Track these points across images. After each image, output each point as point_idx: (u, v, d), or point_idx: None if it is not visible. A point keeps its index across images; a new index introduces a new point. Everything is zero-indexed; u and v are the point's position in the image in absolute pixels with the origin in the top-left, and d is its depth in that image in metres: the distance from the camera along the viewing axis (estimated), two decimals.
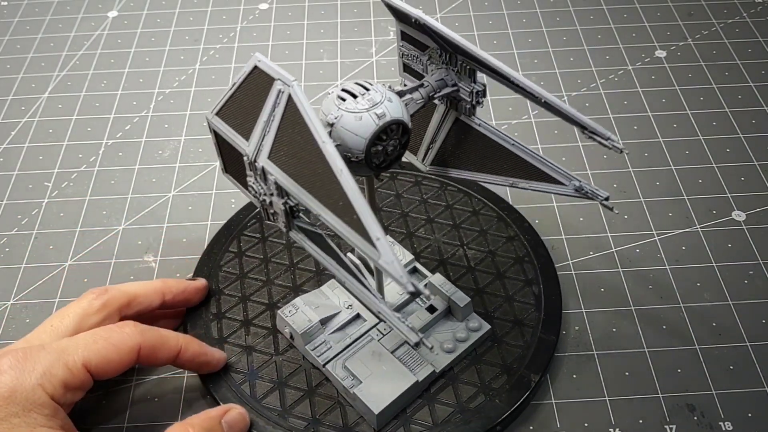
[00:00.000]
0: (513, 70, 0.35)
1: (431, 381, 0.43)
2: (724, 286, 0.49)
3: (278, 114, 0.33)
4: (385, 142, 0.34)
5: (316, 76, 0.65)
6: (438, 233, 0.51)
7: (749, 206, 0.54)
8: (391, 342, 0.44)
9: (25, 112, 0.63)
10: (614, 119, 0.61)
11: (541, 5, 0.72)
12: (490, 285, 0.48)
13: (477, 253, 0.49)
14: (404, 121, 0.34)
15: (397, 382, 0.42)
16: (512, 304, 0.47)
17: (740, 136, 0.59)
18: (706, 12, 0.71)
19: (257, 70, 0.34)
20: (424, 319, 0.45)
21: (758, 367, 0.45)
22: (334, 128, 0.34)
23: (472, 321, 0.45)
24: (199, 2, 0.74)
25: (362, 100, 0.34)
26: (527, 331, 0.45)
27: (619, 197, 0.55)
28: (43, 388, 0.37)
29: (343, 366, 0.43)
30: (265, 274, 0.49)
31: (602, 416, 0.43)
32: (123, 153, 0.59)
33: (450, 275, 0.48)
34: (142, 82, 0.66)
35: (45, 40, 0.70)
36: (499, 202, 0.52)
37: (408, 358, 0.43)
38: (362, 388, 0.41)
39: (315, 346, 0.44)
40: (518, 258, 0.49)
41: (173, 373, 0.45)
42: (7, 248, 0.53)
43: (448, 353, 0.44)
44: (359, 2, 0.73)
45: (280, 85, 0.33)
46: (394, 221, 0.52)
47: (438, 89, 0.38)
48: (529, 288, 0.47)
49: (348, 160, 0.34)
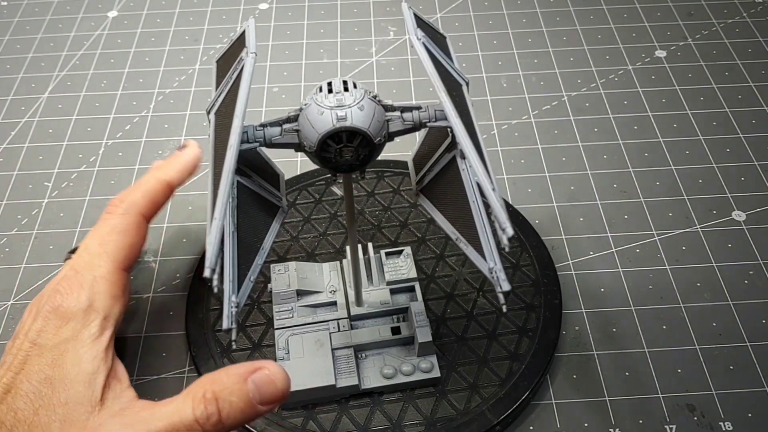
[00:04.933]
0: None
1: (353, 394, 0.43)
2: (724, 286, 0.49)
3: (233, 78, 0.35)
4: (339, 145, 0.34)
5: (316, 76, 0.65)
6: (466, 268, 0.49)
7: (749, 206, 0.54)
8: (340, 340, 0.44)
9: (25, 112, 0.63)
10: (614, 119, 0.61)
11: (541, 5, 0.72)
12: (476, 340, 0.45)
13: (487, 305, 0.47)
14: (366, 132, 0.33)
15: (316, 377, 0.42)
16: (482, 370, 0.44)
17: (740, 136, 0.59)
18: (706, 12, 0.71)
19: (244, 33, 0.36)
20: (383, 335, 0.44)
21: (758, 367, 0.45)
22: (301, 113, 0.34)
23: (425, 361, 0.43)
24: (199, 2, 0.74)
25: (332, 97, 0.33)
26: (476, 400, 0.42)
27: (619, 197, 0.55)
28: (93, 308, 0.39)
29: (286, 338, 0.43)
30: (296, 230, 0.50)
31: (602, 416, 0.43)
32: (123, 153, 0.59)
33: (447, 311, 0.47)
34: (142, 82, 0.66)
35: (45, 40, 0.70)
36: (546, 266, 0.49)
37: (343, 362, 0.43)
38: (285, 364, 0.42)
39: (279, 310, 0.45)
40: (520, 329, 0.46)
41: (173, 373, 0.46)
42: (7, 248, 0.53)
43: (384, 378, 0.43)
44: (359, 2, 0.73)
45: (243, 53, 0.35)
46: (435, 239, 0.51)
47: (433, 119, 0.36)
48: (509, 362, 0.44)
49: (303, 148, 0.34)
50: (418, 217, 0.52)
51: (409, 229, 0.51)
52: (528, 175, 0.56)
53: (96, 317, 0.39)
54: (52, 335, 0.38)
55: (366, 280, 0.46)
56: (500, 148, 0.58)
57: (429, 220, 0.52)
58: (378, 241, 0.51)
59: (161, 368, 0.46)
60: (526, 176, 0.56)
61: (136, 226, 0.42)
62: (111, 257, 0.41)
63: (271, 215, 0.37)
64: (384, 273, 0.46)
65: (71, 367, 0.37)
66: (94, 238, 0.42)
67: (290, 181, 0.54)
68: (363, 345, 0.44)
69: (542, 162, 0.57)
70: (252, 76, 0.34)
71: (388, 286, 0.46)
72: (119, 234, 0.42)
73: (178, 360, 0.46)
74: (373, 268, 0.47)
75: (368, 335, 0.44)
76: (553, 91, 0.63)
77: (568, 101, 0.62)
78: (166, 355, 0.46)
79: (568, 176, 0.56)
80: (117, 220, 0.42)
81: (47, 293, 0.40)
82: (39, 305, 0.40)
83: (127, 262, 0.42)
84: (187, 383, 0.45)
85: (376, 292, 0.46)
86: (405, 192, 0.54)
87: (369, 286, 0.46)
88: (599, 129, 0.60)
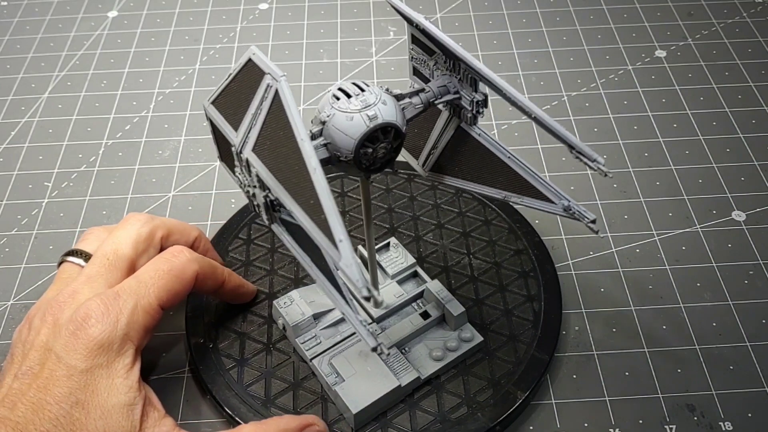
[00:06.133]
0: (507, 84, 0.34)
1: (415, 387, 0.43)
2: (724, 286, 0.49)
3: (265, 108, 0.33)
4: (375, 144, 0.34)
5: (316, 76, 0.65)
6: (446, 240, 0.50)
7: (749, 206, 0.54)
8: None
9: (25, 112, 0.63)
10: (614, 119, 0.61)
11: (541, 5, 0.72)
12: (490, 297, 0.47)
13: (482, 264, 0.49)
14: (397, 125, 0.34)
15: (379, 384, 0.41)
16: (510, 319, 0.46)
17: (740, 136, 0.59)
18: (706, 12, 0.71)
19: (251, 62, 0.35)
20: (416, 324, 0.44)
21: (758, 367, 0.45)
22: (325, 126, 0.33)
23: (465, 331, 0.45)
24: (199, 2, 0.74)
25: (356, 100, 0.33)
26: (521, 347, 0.44)
27: (619, 197, 0.55)
28: (128, 337, 0.38)
29: (329, 362, 0.43)
30: (269, 263, 0.49)
31: (602, 416, 0.43)
32: (123, 153, 0.59)
33: (452, 283, 0.48)
34: (142, 82, 0.66)
35: (45, 40, 0.70)
36: (512, 213, 0.52)
37: (394, 362, 0.43)
38: (344, 387, 0.41)
39: (305, 340, 0.44)
40: (523, 273, 0.48)
41: (173, 373, 0.46)
42: (7, 248, 0.53)
43: (436, 361, 0.43)
44: (359, 2, 0.73)
45: (269, 80, 0.33)
46: (404, 223, 0.52)
47: (439, 95, 0.37)
48: (529, 304, 0.46)
49: (337, 159, 0.34)
50: (378, 210, 0.52)
51: (375, 223, 0.51)
52: None
53: (130, 347, 0.38)
54: (82, 357, 0.37)
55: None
56: None
57: (387, 209, 0.52)
58: (352, 243, 0.50)
59: (161, 368, 0.46)
60: None
61: (189, 280, 0.41)
62: (159, 294, 0.40)
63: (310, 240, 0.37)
64: (385, 269, 0.46)
65: (107, 396, 0.37)
66: (148, 270, 0.41)
67: (233, 220, 0.52)
68: (402, 340, 0.44)
69: (542, 162, 0.57)
70: (293, 98, 0.32)
71: (393, 279, 0.46)
72: (174, 277, 0.41)
73: (178, 360, 0.46)
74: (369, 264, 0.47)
75: (403, 329, 0.44)
76: (553, 91, 0.63)
77: (568, 101, 0.62)
78: (166, 355, 0.46)
79: (568, 176, 0.56)
80: (178, 265, 0.41)
81: (67, 303, 0.39)
82: (56, 315, 0.39)
83: (168, 305, 0.41)
84: (187, 384, 0.45)
85: (385, 288, 0.46)
86: (351, 193, 0.54)
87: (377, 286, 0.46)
88: (599, 129, 0.60)
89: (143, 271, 0.41)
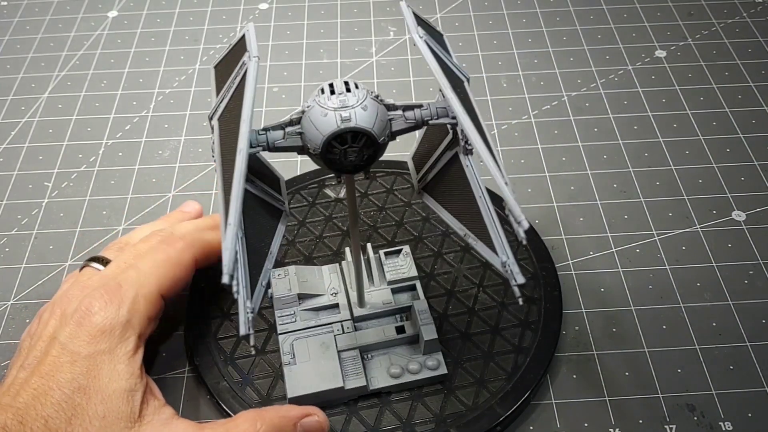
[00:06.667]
0: (466, 116, 0.32)
1: (362, 395, 0.43)
2: (724, 286, 0.49)
3: (235, 83, 0.35)
4: (344, 146, 0.33)
5: (316, 76, 0.65)
6: (464, 264, 0.49)
7: (749, 206, 0.54)
8: (345, 342, 0.43)
9: (25, 112, 0.63)
10: (614, 119, 0.61)
11: (541, 5, 0.72)
12: (479, 335, 0.45)
13: (488, 300, 0.47)
14: (371, 132, 0.33)
15: (324, 380, 0.42)
16: (488, 364, 0.44)
17: (740, 136, 0.59)
18: (706, 12, 0.71)
19: (243, 38, 0.36)
20: (388, 335, 0.44)
21: (758, 367, 0.45)
22: (303, 116, 0.34)
23: (431, 359, 0.43)
24: (199, 2, 0.74)
25: (335, 98, 0.33)
26: (483, 395, 0.43)
27: (619, 197, 0.55)
28: (130, 324, 0.39)
29: (291, 342, 0.43)
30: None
31: (602, 416, 0.43)
32: (123, 153, 0.59)
33: (449, 308, 0.47)
34: (142, 82, 0.66)
35: (45, 40, 0.70)
36: (543, 260, 0.49)
37: (349, 364, 0.43)
38: (292, 369, 0.42)
39: (282, 315, 0.45)
40: (523, 323, 0.46)
41: (173, 373, 0.46)
42: (7, 248, 0.53)
43: (392, 377, 0.43)
44: (359, 2, 0.73)
45: (245, 57, 0.34)
46: (433, 237, 0.51)
47: (435, 116, 0.35)
48: (514, 356, 0.44)
49: (308, 151, 0.34)
50: (413, 216, 0.52)
51: (405, 228, 0.51)
52: (528, 175, 0.56)
53: (132, 334, 0.39)
54: (85, 343, 0.38)
55: (367, 280, 0.46)
56: (500, 148, 0.58)
57: (424, 218, 0.52)
58: (375, 241, 0.51)
59: (161, 368, 0.46)
60: (526, 176, 0.56)
61: (187, 265, 0.43)
62: (159, 282, 0.41)
63: (276, 219, 0.37)
64: (384, 273, 0.46)
65: (108, 382, 0.37)
66: (146, 261, 0.42)
67: None
68: (368, 346, 0.44)
69: (542, 162, 0.57)
70: (256, 80, 0.33)
71: (389, 285, 0.46)
72: (173, 265, 0.42)
73: (178, 360, 0.46)
74: (374, 268, 0.47)
75: (373, 336, 0.44)
76: (553, 91, 0.63)
77: (568, 101, 0.62)
78: (166, 355, 0.46)
79: (568, 176, 0.56)
80: (174, 253, 0.43)
81: (76, 296, 0.40)
82: (64, 308, 0.40)
83: (169, 292, 0.42)
84: (187, 384, 0.45)
85: (377, 292, 0.46)
86: (398, 191, 0.54)
87: (370, 286, 0.46)
88: (599, 129, 0.60)
89: (143, 262, 0.42)
